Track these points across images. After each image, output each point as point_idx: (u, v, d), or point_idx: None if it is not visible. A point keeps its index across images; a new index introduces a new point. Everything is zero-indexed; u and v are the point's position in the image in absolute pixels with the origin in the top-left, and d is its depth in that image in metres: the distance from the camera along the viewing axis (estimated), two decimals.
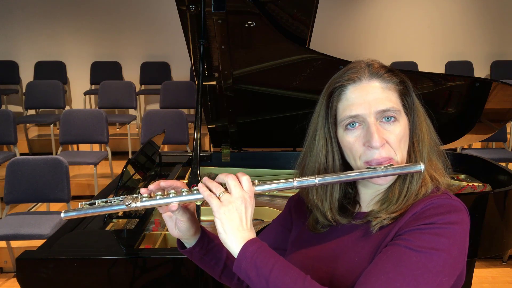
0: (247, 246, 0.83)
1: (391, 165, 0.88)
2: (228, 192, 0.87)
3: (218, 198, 0.86)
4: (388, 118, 0.90)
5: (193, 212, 1.01)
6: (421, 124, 0.95)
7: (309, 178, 0.89)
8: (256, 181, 0.91)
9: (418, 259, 0.80)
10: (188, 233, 1.00)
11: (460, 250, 0.83)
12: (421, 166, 0.87)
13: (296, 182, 0.89)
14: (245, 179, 0.88)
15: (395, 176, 0.92)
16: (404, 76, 0.96)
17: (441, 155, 0.97)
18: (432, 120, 0.98)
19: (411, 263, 0.80)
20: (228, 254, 1.05)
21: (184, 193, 0.91)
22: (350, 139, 0.91)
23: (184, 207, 0.97)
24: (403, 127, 0.91)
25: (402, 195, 0.91)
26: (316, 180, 0.89)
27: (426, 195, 0.90)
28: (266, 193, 0.92)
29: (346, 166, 0.96)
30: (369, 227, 0.91)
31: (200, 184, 0.89)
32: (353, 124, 0.91)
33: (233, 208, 0.85)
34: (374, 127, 0.89)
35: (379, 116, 0.90)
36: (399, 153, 0.91)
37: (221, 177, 0.89)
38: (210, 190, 0.88)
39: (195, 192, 0.90)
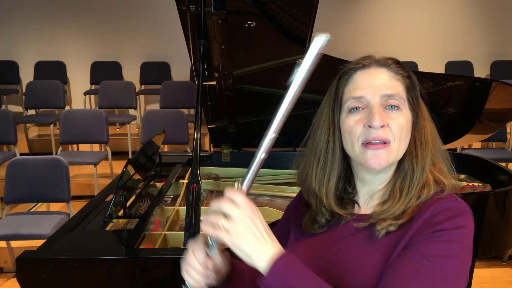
0: (274, 265, 0.80)
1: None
2: (229, 218, 0.83)
3: (224, 229, 0.82)
4: (392, 107, 0.90)
5: (227, 258, 0.97)
6: (425, 124, 0.95)
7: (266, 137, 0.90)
8: (239, 183, 0.87)
9: (434, 269, 0.80)
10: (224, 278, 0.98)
11: (470, 253, 0.85)
12: (326, 37, 0.83)
13: (262, 155, 0.86)
14: (237, 196, 0.84)
15: (389, 162, 0.90)
16: (411, 72, 0.97)
17: (446, 158, 0.97)
18: (434, 121, 0.98)
19: (428, 273, 0.80)
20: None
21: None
22: (351, 122, 0.91)
23: (216, 270, 0.93)
24: (406, 118, 0.91)
25: (404, 193, 0.90)
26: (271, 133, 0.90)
27: (428, 197, 0.90)
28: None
29: (345, 155, 0.96)
30: (372, 231, 0.90)
31: (202, 226, 0.85)
32: (356, 108, 0.92)
33: (243, 230, 0.82)
34: (376, 108, 0.89)
35: (384, 101, 0.90)
36: (398, 142, 0.90)
37: (213, 207, 0.85)
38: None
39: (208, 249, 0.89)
